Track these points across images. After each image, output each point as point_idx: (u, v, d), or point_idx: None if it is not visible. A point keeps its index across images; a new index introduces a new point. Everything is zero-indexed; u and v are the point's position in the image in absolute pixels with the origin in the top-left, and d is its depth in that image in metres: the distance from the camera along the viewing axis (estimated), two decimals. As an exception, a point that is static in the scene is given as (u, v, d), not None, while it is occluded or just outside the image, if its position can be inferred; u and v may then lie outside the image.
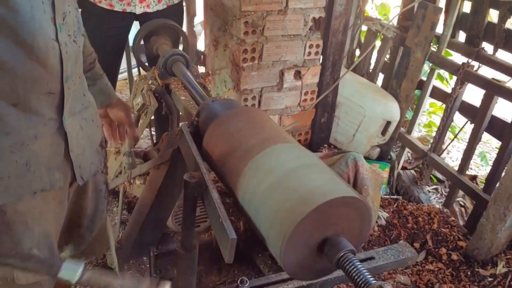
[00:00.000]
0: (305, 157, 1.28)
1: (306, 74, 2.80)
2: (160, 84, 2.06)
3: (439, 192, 3.49)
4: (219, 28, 2.76)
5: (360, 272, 1.07)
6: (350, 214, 1.15)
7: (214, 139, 1.43)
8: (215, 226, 1.22)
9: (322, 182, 1.17)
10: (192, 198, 1.34)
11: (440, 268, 2.62)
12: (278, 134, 1.37)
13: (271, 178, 1.19)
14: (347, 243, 1.12)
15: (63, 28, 1.10)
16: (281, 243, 1.08)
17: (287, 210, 1.10)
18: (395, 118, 3.07)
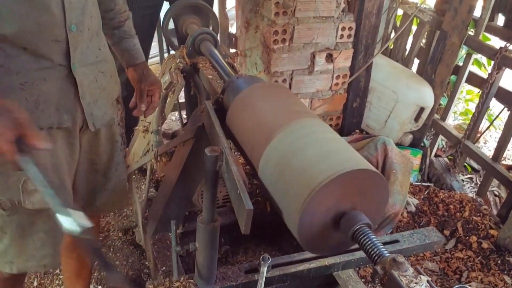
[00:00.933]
0: (327, 132, 1.28)
1: (338, 57, 2.76)
2: (188, 63, 2.08)
3: (473, 182, 3.41)
4: (250, 9, 2.76)
5: (375, 244, 1.07)
6: (368, 189, 1.14)
7: (237, 114, 1.44)
8: (234, 198, 1.23)
9: (342, 155, 1.16)
10: (213, 172, 1.35)
11: (470, 256, 2.57)
12: (301, 109, 1.37)
13: (291, 150, 1.19)
14: (363, 217, 1.11)
15: None
16: (297, 213, 1.09)
17: (305, 180, 1.10)
18: (428, 105, 3.00)
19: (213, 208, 1.45)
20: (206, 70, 2.04)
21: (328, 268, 1.82)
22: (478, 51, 2.91)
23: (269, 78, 2.68)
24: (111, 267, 1.16)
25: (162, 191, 1.86)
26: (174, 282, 1.55)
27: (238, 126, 1.43)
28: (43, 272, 2.25)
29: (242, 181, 1.21)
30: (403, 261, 1.01)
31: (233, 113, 1.45)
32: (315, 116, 1.37)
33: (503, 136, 2.82)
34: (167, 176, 1.85)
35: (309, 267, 1.78)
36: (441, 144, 3.53)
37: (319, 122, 1.32)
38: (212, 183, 1.39)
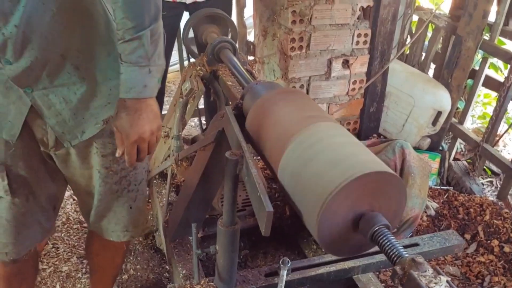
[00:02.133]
0: (345, 136, 1.30)
1: (354, 63, 2.79)
2: (208, 70, 2.13)
3: (493, 185, 3.39)
4: (268, 18, 2.81)
5: (393, 245, 1.08)
6: (386, 191, 1.16)
7: (256, 119, 1.47)
8: (254, 200, 1.26)
9: (361, 158, 1.18)
10: (233, 175, 1.38)
11: (492, 260, 2.55)
12: (319, 113, 1.39)
13: (310, 152, 1.22)
14: (382, 218, 1.13)
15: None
16: (317, 214, 1.11)
17: (325, 182, 1.12)
18: (446, 108, 3.00)
19: (233, 211, 1.48)
20: (225, 77, 2.08)
21: (348, 272, 1.83)
22: (493, 55, 2.91)
23: (287, 84, 2.72)
24: None
25: (183, 195, 1.90)
26: (195, 285, 1.57)
27: (257, 131, 1.46)
28: (65, 276, 2.30)
29: (262, 183, 1.24)
30: (422, 261, 1.02)
31: (252, 118, 1.49)
32: (333, 120, 1.40)
33: (522, 139, 2.81)
34: (188, 180, 1.89)
35: (329, 271, 1.79)
36: (460, 147, 3.52)
37: (336, 125, 1.34)
38: (233, 186, 1.42)
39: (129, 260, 2.31)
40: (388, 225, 1.13)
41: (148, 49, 1.24)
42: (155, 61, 1.29)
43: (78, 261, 2.38)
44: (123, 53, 1.24)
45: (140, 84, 1.26)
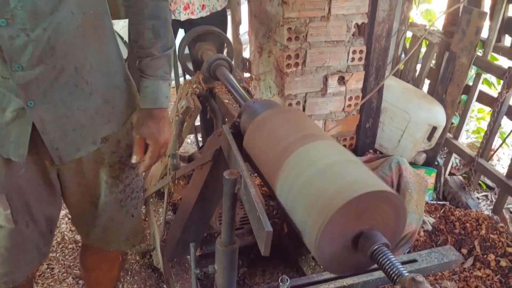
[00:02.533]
0: (343, 154, 1.30)
1: (350, 79, 2.81)
2: (204, 88, 2.14)
3: (489, 199, 3.40)
4: (263, 35, 2.83)
5: (393, 264, 1.08)
6: (385, 209, 1.16)
7: (253, 137, 1.47)
8: (253, 220, 1.26)
9: (359, 176, 1.19)
10: (231, 195, 1.38)
11: (488, 275, 2.55)
12: (317, 132, 1.40)
13: (309, 171, 1.22)
14: (381, 237, 1.13)
15: (7, 23, 1.12)
16: (316, 233, 1.11)
17: (324, 200, 1.13)
18: (440, 123, 3.02)
19: (232, 230, 1.48)
20: (222, 95, 2.10)
21: (347, 289, 1.83)
22: (487, 71, 2.94)
23: (283, 101, 2.73)
24: None
25: (180, 214, 1.90)
26: (194, 305, 1.57)
27: (255, 149, 1.46)
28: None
29: (260, 203, 1.24)
30: (422, 280, 1.02)
31: (250, 136, 1.49)
32: (331, 138, 1.40)
33: (517, 154, 2.83)
34: (185, 199, 1.89)
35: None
36: (455, 162, 3.53)
37: (334, 144, 1.35)
38: (231, 206, 1.41)
39: (126, 280, 2.29)
40: (387, 243, 1.13)
41: (171, 65, 1.47)
42: (171, 76, 1.51)
43: (74, 281, 2.36)
44: (150, 68, 1.42)
45: (164, 95, 1.46)
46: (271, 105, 1.59)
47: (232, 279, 1.57)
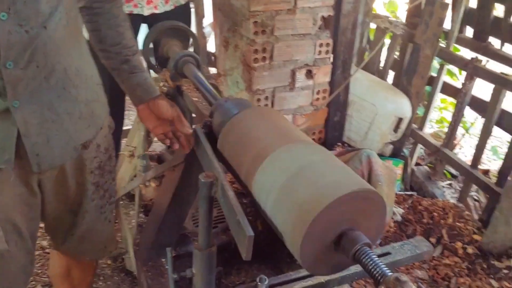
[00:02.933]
0: (320, 154, 1.29)
1: (317, 73, 2.81)
2: (172, 86, 2.08)
3: (453, 187, 3.48)
4: (228, 28, 2.79)
5: (377, 264, 1.08)
6: (366, 207, 1.16)
7: (229, 139, 1.45)
8: (232, 224, 1.24)
9: (337, 177, 1.18)
10: (208, 198, 1.36)
11: (456, 262, 2.62)
12: (292, 132, 1.39)
13: (287, 174, 1.21)
14: (363, 237, 1.13)
15: (7, 17, 1.11)
16: (298, 238, 1.10)
17: (303, 205, 1.12)
18: (406, 115, 3.07)
19: (209, 233, 1.45)
20: (190, 93, 2.05)
21: (325, 285, 1.83)
22: (450, 62, 3.00)
23: (251, 96, 2.70)
24: None
25: (153, 217, 1.85)
26: (173, 310, 1.54)
27: (230, 150, 1.44)
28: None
29: (240, 207, 1.22)
30: (406, 280, 1.02)
31: (225, 137, 1.46)
32: (307, 138, 1.39)
33: (479, 143, 2.91)
34: (158, 202, 1.84)
35: (306, 285, 1.79)
36: (421, 152, 3.60)
37: (311, 144, 1.34)
38: (207, 209, 1.39)
39: (98, 285, 2.23)
40: (369, 243, 1.13)
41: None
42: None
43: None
44: (140, 64, 1.51)
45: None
46: (243, 104, 1.56)
47: (210, 282, 1.55)
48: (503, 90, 2.64)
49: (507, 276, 2.50)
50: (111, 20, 1.42)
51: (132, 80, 1.50)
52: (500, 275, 2.51)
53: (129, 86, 1.51)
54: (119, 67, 1.48)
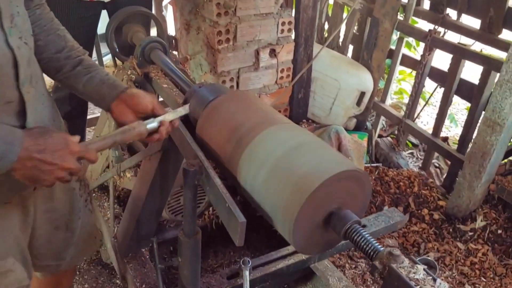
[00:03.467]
0: (300, 136, 1.30)
1: (281, 51, 2.81)
2: (140, 74, 2.04)
3: (414, 156, 3.61)
4: (190, 11, 2.73)
5: (368, 241, 1.11)
6: (352, 186, 1.19)
7: (208, 126, 1.43)
8: (221, 211, 1.24)
9: (321, 158, 1.20)
10: (193, 186, 1.35)
11: (424, 228, 2.73)
12: (272, 114, 1.39)
13: (271, 160, 1.21)
14: (352, 215, 1.16)
15: (13, 32, 1.06)
16: (289, 223, 1.12)
17: (292, 190, 1.13)
18: (369, 89, 3.12)
19: (194, 221, 1.45)
20: (159, 79, 2.01)
21: (306, 262, 1.88)
22: (409, 35, 3.07)
23: (216, 78, 2.68)
24: None
25: (131, 208, 1.82)
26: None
27: (210, 136, 1.43)
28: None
29: (228, 193, 1.22)
30: (399, 254, 1.07)
31: (204, 124, 1.45)
32: (287, 120, 1.40)
33: (440, 112, 3.01)
34: (135, 192, 1.81)
35: (288, 264, 1.83)
36: (382, 124, 3.69)
37: (294, 126, 1.35)
38: (192, 197, 1.38)
39: (75, 281, 2.19)
40: (359, 221, 1.16)
41: None
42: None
43: None
44: (93, 62, 1.36)
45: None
46: (219, 90, 1.54)
47: (197, 269, 1.55)
48: (462, 59, 2.73)
49: (472, 238, 2.63)
50: (47, 25, 1.29)
51: (93, 80, 1.33)
52: (465, 237, 2.64)
53: (92, 88, 1.33)
54: (74, 72, 1.32)
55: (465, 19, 2.85)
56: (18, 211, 1.25)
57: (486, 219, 2.71)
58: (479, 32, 2.69)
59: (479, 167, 2.56)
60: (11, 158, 0.98)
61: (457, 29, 2.80)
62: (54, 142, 1.05)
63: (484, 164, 2.53)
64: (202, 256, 2.35)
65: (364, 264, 2.50)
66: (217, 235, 2.40)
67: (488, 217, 2.71)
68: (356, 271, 2.45)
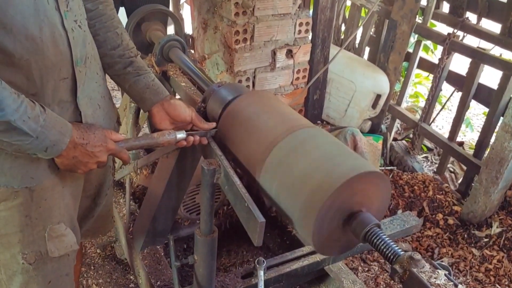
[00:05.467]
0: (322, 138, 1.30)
1: (297, 52, 2.80)
2: (158, 72, 2.05)
3: (429, 160, 3.58)
4: (207, 10, 2.74)
5: (388, 245, 1.11)
6: (372, 188, 1.18)
7: (228, 125, 1.43)
8: (240, 210, 1.24)
9: (344, 159, 1.20)
10: (211, 185, 1.35)
11: (438, 233, 2.71)
12: (292, 117, 1.39)
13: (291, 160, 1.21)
14: (372, 218, 1.15)
15: (68, 15, 1.13)
16: (309, 222, 1.11)
17: (313, 189, 1.13)
18: (385, 91, 3.11)
19: (211, 220, 1.45)
20: (177, 78, 2.02)
21: (320, 263, 1.87)
22: (427, 38, 3.04)
23: (233, 77, 2.68)
24: None
25: (148, 205, 1.83)
26: (177, 298, 1.54)
27: (231, 137, 1.43)
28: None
29: (247, 193, 1.22)
30: (419, 258, 1.06)
31: (224, 123, 1.45)
32: (308, 121, 1.40)
33: (456, 116, 2.98)
34: (152, 189, 1.82)
35: (303, 265, 1.82)
36: (397, 127, 3.67)
37: (316, 128, 1.34)
38: (210, 196, 1.38)
39: (89, 275, 2.20)
40: (379, 224, 1.15)
41: None
42: None
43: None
44: (143, 65, 1.44)
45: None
46: (239, 89, 1.54)
47: (212, 268, 1.55)
48: (481, 64, 2.70)
49: (488, 244, 2.60)
50: (107, 22, 1.35)
51: (139, 83, 1.42)
52: (480, 243, 2.62)
53: (136, 91, 1.43)
54: (124, 72, 1.41)
55: (485, 23, 2.82)
56: (70, 180, 1.32)
57: (502, 225, 2.68)
58: (499, 37, 2.67)
59: (496, 173, 2.53)
60: (61, 147, 1.11)
61: (477, 33, 2.77)
62: (95, 138, 1.19)
63: (501, 170, 2.51)
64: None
65: (377, 268, 2.49)
66: (231, 233, 2.41)
67: (504, 224, 2.68)
68: (369, 274, 2.44)
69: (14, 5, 0.98)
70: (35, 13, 1.03)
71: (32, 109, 1.03)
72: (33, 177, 1.18)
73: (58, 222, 1.28)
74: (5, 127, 0.99)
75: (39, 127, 1.05)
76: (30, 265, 1.25)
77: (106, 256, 2.31)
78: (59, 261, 1.30)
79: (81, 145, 1.15)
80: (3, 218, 1.19)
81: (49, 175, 1.22)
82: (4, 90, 0.97)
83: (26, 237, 1.23)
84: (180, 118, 1.41)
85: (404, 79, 3.34)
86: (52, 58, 1.10)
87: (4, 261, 1.25)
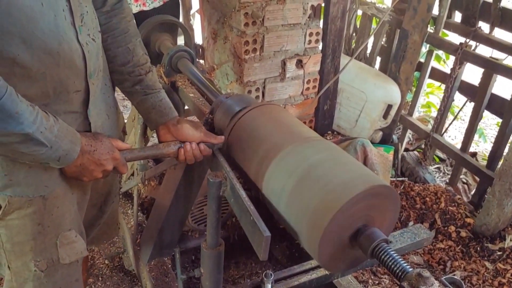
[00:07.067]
0: (327, 150, 1.29)
1: (307, 62, 2.79)
2: (166, 82, 2.05)
3: (441, 171, 3.54)
4: (217, 20, 2.74)
5: (396, 261, 1.08)
6: (380, 202, 1.16)
7: (234, 138, 1.43)
8: (246, 224, 1.22)
9: (351, 174, 1.18)
10: (217, 197, 1.34)
11: (451, 246, 2.66)
12: (300, 130, 1.38)
13: (297, 174, 1.20)
14: (379, 233, 1.13)
15: (82, 30, 1.15)
16: (315, 240, 1.10)
17: (319, 205, 1.11)
18: (396, 101, 3.08)
19: (217, 233, 1.44)
20: (186, 88, 2.02)
21: (329, 277, 1.84)
22: (439, 48, 3.01)
23: (242, 88, 2.68)
24: None
25: (155, 217, 1.82)
26: (183, 311, 1.52)
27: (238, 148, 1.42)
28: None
29: (253, 206, 1.21)
30: (428, 276, 1.03)
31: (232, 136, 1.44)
32: (315, 133, 1.39)
33: (469, 127, 2.94)
34: (159, 201, 1.81)
35: (311, 278, 1.79)
36: (408, 137, 3.64)
37: (322, 140, 1.33)
38: (216, 208, 1.37)
39: (97, 286, 2.20)
40: (387, 239, 1.13)
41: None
42: None
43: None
44: (155, 82, 1.42)
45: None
46: (246, 101, 1.54)
47: (219, 281, 1.54)
48: (493, 74, 2.67)
49: (501, 258, 2.55)
50: (119, 37, 1.34)
51: (146, 102, 1.40)
52: (494, 257, 2.57)
53: (143, 110, 1.42)
54: (132, 89, 1.40)
55: (497, 33, 2.78)
56: (78, 188, 1.33)
57: (516, 238, 2.63)
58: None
59: (510, 185, 2.49)
60: (73, 156, 1.14)
61: (489, 42, 2.73)
62: (103, 146, 1.22)
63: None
64: (223, 266, 2.36)
65: (387, 281, 2.45)
66: (239, 245, 2.39)
67: (518, 237, 2.63)
68: (379, 287, 2.40)
69: (35, 22, 1.00)
70: (55, 29, 1.05)
71: (47, 120, 1.06)
72: (47, 185, 1.20)
73: (69, 229, 1.30)
74: (23, 138, 1.02)
75: (54, 137, 1.07)
76: (42, 272, 1.26)
77: (114, 267, 2.30)
78: (69, 267, 1.32)
79: (88, 153, 1.18)
80: (16, 227, 1.21)
81: (61, 182, 1.24)
82: (21, 103, 0.99)
83: (38, 244, 1.24)
84: (186, 140, 1.40)
85: (416, 89, 3.31)
86: (67, 71, 1.13)
87: (16, 268, 1.26)
